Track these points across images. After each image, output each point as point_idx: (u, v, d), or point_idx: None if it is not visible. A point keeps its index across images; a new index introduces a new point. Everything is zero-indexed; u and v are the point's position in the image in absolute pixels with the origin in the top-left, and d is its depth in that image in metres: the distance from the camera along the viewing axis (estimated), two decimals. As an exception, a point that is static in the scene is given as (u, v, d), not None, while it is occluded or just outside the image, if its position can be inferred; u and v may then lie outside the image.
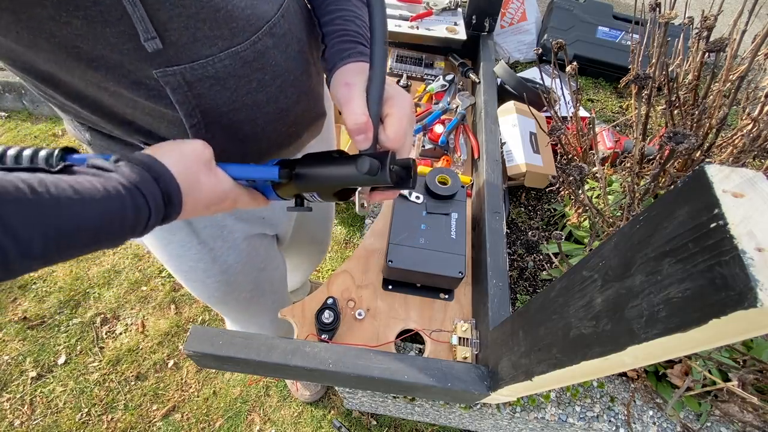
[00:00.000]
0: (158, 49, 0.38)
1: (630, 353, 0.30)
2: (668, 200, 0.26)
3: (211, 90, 0.44)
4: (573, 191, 0.78)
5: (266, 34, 0.45)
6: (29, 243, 0.28)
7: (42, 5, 0.33)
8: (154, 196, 0.35)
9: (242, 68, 0.44)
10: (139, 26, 0.36)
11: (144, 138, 0.49)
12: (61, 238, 0.30)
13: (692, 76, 0.76)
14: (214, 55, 0.42)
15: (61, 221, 0.30)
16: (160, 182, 0.36)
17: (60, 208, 0.29)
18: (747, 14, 0.70)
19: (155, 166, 0.36)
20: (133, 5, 0.35)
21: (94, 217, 0.31)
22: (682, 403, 0.72)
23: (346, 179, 0.43)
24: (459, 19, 1.18)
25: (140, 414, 1.30)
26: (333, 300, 0.74)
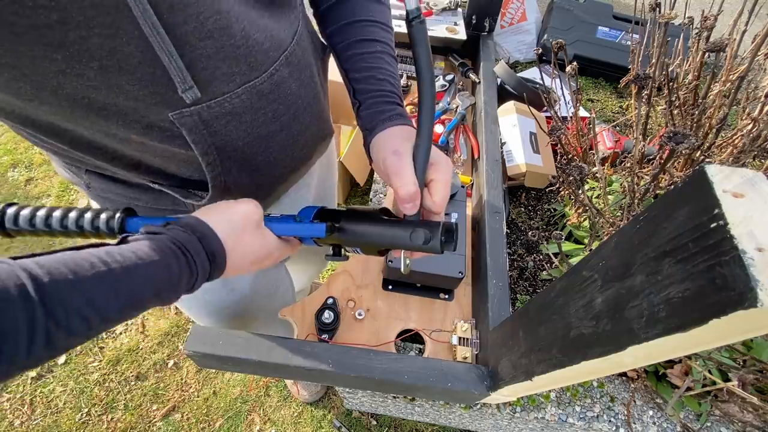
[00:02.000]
0: (197, 97, 0.38)
1: (630, 353, 0.30)
2: (668, 200, 0.26)
3: (227, 126, 0.43)
4: (573, 191, 0.78)
5: (283, 64, 0.45)
6: (107, 312, 0.31)
7: (50, 59, 0.31)
8: (200, 257, 0.37)
9: (259, 101, 0.44)
10: (176, 78, 0.36)
11: (152, 178, 0.48)
12: (130, 303, 0.33)
13: (692, 76, 0.76)
14: (231, 91, 0.41)
15: (132, 288, 0.32)
16: (205, 242, 0.38)
17: (130, 278, 0.32)
18: (747, 14, 0.70)
19: (200, 227, 0.38)
20: (169, 57, 0.34)
21: (154, 281, 0.34)
22: (682, 403, 0.72)
23: (397, 244, 0.45)
24: (459, 19, 1.18)
25: (140, 414, 1.30)
26: (333, 300, 0.74)
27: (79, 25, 0.30)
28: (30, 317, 0.26)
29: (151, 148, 0.43)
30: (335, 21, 0.51)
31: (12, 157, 1.95)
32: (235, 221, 0.41)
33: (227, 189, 0.49)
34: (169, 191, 0.49)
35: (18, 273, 0.27)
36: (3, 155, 1.95)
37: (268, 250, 0.45)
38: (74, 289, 0.29)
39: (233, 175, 0.48)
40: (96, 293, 0.30)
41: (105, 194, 0.53)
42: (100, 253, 0.32)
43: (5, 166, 1.92)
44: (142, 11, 0.31)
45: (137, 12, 0.31)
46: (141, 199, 0.53)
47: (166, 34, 0.33)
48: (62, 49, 0.31)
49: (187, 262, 0.36)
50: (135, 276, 0.32)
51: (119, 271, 0.32)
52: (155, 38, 0.33)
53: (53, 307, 0.27)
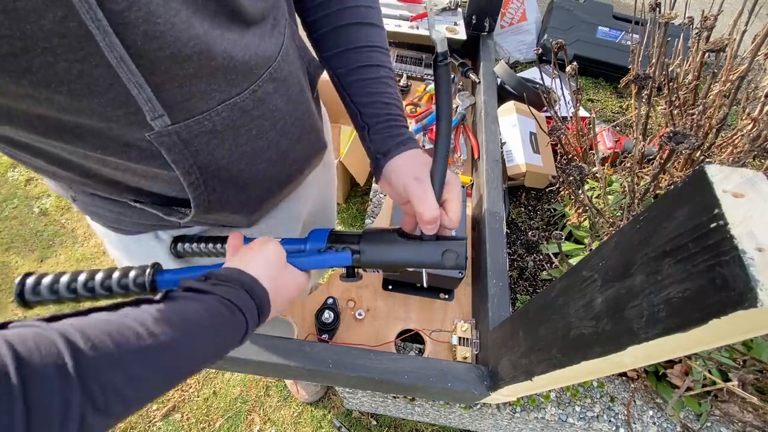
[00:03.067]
0: (166, 125, 0.38)
1: (630, 353, 0.30)
2: (668, 200, 0.26)
3: (208, 145, 0.42)
4: (573, 191, 0.78)
5: (266, 81, 0.44)
6: (149, 391, 0.30)
7: (17, 85, 0.30)
8: (251, 311, 0.38)
9: (241, 118, 0.43)
10: (145, 107, 0.35)
11: (134, 196, 0.47)
12: (175, 377, 0.32)
13: (692, 76, 0.76)
14: (211, 109, 0.40)
15: (180, 362, 0.32)
16: (254, 297, 0.39)
17: (178, 351, 0.31)
18: (747, 14, 0.70)
19: (247, 281, 0.39)
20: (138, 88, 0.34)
21: (204, 350, 0.34)
22: (682, 403, 0.72)
23: (423, 265, 0.47)
24: (459, 19, 1.18)
25: (140, 414, 1.30)
26: (333, 300, 0.74)
27: (44, 52, 0.29)
28: (66, 400, 0.24)
29: (131, 169, 0.42)
30: (334, 47, 0.51)
31: (12, 157, 1.95)
32: (271, 265, 0.43)
33: (211, 207, 0.49)
34: (150, 209, 0.48)
35: (57, 343, 0.25)
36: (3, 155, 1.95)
37: (299, 286, 0.47)
38: (117, 366, 0.27)
39: (218, 193, 0.47)
40: (140, 370, 0.28)
41: (90, 208, 0.52)
42: (146, 320, 0.30)
43: (5, 166, 1.92)
44: (109, 43, 0.30)
45: (103, 44, 0.30)
46: (126, 214, 0.52)
47: (135, 66, 0.32)
48: (28, 76, 0.30)
49: (241, 320, 0.37)
50: (185, 348, 0.31)
51: (168, 344, 0.30)
52: (122, 69, 0.32)
53: (92, 388, 0.26)
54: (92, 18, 0.29)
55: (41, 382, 0.23)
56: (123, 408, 0.28)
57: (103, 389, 0.26)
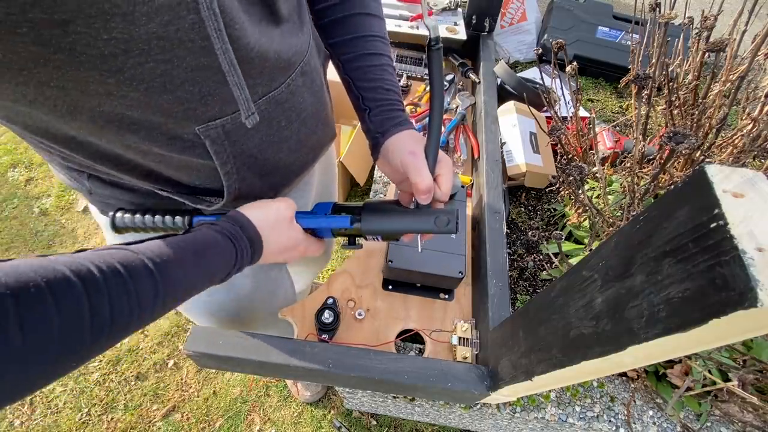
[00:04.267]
0: (257, 122, 0.44)
1: (630, 353, 0.30)
2: (668, 200, 0.26)
3: (245, 135, 0.46)
4: (573, 191, 0.78)
5: (298, 74, 0.48)
6: (194, 286, 0.39)
7: (103, 83, 0.32)
8: (241, 241, 0.44)
9: (276, 110, 0.47)
10: (242, 106, 0.41)
11: (162, 186, 0.50)
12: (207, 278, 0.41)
13: (692, 76, 0.76)
14: (254, 102, 0.43)
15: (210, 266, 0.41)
16: (245, 231, 0.45)
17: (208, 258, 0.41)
18: (747, 14, 0.70)
19: (241, 219, 0.46)
20: (240, 89, 0.39)
21: (221, 261, 0.42)
22: (682, 403, 0.72)
23: (420, 230, 0.53)
24: (459, 19, 1.18)
25: (140, 414, 1.30)
26: (333, 300, 0.74)
27: (141, 53, 0.32)
28: (155, 288, 0.34)
29: (169, 159, 0.45)
30: (341, 34, 0.54)
31: (12, 157, 1.95)
32: (269, 215, 0.48)
33: (240, 195, 0.52)
34: (178, 197, 0.51)
35: (141, 258, 0.34)
36: (3, 155, 1.95)
37: (295, 241, 0.51)
38: (178, 266, 0.37)
39: (246, 182, 0.51)
40: (190, 270, 0.38)
41: (107, 200, 0.54)
42: (187, 240, 0.39)
43: (5, 166, 1.92)
44: (224, 51, 0.35)
45: (220, 53, 0.35)
46: (145, 204, 0.54)
47: (240, 71, 0.38)
48: (118, 74, 0.32)
49: (235, 247, 0.43)
50: (212, 256, 0.41)
51: (201, 253, 0.40)
52: (231, 75, 0.37)
53: (167, 281, 0.35)
54: (215, 28, 0.34)
55: (139, 277, 0.33)
56: (178, 298, 0.37)
57: (173, 282, 0.36)
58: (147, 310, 0.34)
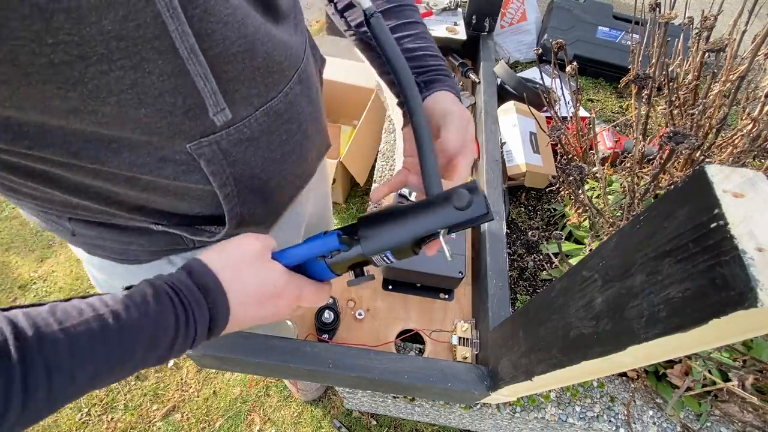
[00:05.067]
0: (228, 119, 0.36)
1: (630, 353, 0.30)
2: (668, 200, 0.26)
3: (245, 153, 0.41)
4: (573, 191, 0.78)
5: (296, 82, 0.44)
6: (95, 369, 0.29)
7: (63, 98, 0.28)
8: (191, 292, 0.33)
9: (275, 122, 0.42)
10: (209, 100, 0.34)
11: (156, 219, 0.44)
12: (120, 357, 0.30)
13: (692, 76, 0.76)
14: (250, 115, 0.39)
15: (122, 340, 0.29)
16: (193, 276, 0.34)
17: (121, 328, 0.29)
18: (747, 14, 0.70)
19: (190, 264, 0.35)
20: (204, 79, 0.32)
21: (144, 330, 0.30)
22: (682, 403, 0.72)
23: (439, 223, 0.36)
24: (459, 19, 1.18)
25: (140, 414, 1.30)
26: (333, 300, 0.74)
27: (101, 59, 0.27)
28: (7, 379, 0.24)
29: (162, 187, 0.39)
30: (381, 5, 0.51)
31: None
32: (230, 252, 0.37)
33: (242, 221, 0.46)
34: (174, 231, 0.45)
35: (2, 326, 0.25)
36: None
37: (273, 284, 0.37)
38: (60, 343, 0.27)
39: (248, 205, 0.45)
40: (83, 346, 0.27)
41: (94, 241, 0.48)
42: (92, 302, 0.30)
43: (5, 166, 1.92)
44: (181, 33, 0.29)
45: (176, 36, 0.29)
46: (135, 243, 0.48)
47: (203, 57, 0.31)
48: (79, 86, 0.28)
49: (174, 305, 0.32)
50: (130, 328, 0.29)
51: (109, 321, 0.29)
52: (192, 63, 0.31)
53: (34, 366, 0.25)
54: (167, 7, 0.28)
55: None
56: (67, 385, 0.27)
57: (46, 367, 0.26)
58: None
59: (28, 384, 0.25)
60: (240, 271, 0.36)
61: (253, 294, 0.36)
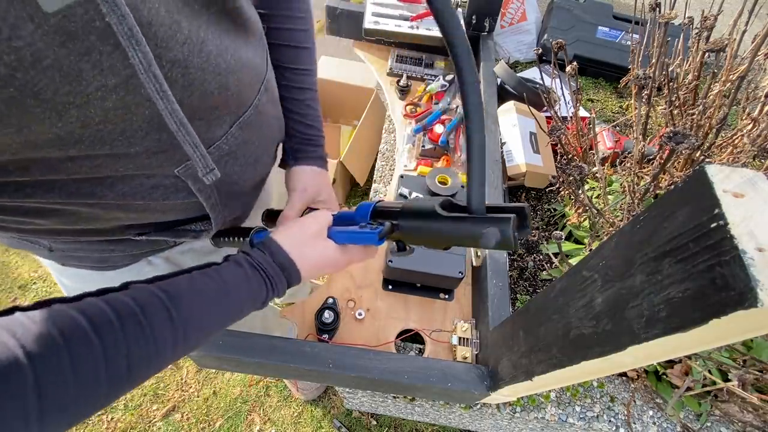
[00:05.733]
0: (217, 178, 0.41)
1: (630, 353, 0.30)
2: (668, 200, 0.26)
3: (226, 166, 0.45)
4: (573, 191, 0.78)
5: (263, 93, 0.47)
6: (213, 325, 0.38)
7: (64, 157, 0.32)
8: (272, 268, 0.43)
9: (248, 133, 0.46)
10: (198, 164, 0.39)
11: (139, 231, 0.48)
12: (228, 315, 0.40)
13: (692, 76, 0.76)
14: (226, 132, 0.43)
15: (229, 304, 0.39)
16: (275, 257, 0.43)
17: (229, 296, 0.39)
18: (747, 14, 0.70)
19: (270, 245, 0.44)
20: (193, 147, 0.37)
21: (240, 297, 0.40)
22: (682, 403, 0.72)
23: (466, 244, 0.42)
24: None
25: (140, 414, 1.29)
26: (333, 300, 0.74)
27: (98, 123, 0.31)
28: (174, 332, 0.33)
29: (152, 207, 0.43)
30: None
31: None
32: (296, 235, 0.46)
33: (225, 221, 0.52)
34: (156, 237, 0.50)
35: (160, 299, 0.33)
36: None
37: (327, 259, 0.47)
38: (198, 306, 0.36)
39: (229, 207, 0.50)
40: (212, 309, 0.37)
41: (73, 254, 0.51)
42: (211, 277, 0.38)
43: (5, 166, 1.92)
44: (171, 111, 0.33)
45: (167, 115, 0.33)
46: (117, 250, 0.52)
47: (192, 128, 0.35)
48: (78, 145, 0.31)
49: (264, 278, 0.41)
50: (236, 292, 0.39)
51: (224, 291, 0.38)
52: (181, 133, 0.35)
53: (186, 323, 0.34)
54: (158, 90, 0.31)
55: (155, 317, 0.32)
56: (200, 338, 0.36)
57: (192, 324, 0.35)
58: (165, 354, 0.33)
59: (180, 336, 0.34)
60: (304, 249, 0.45)
61: (314, 265, 0.46)
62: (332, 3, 1.21)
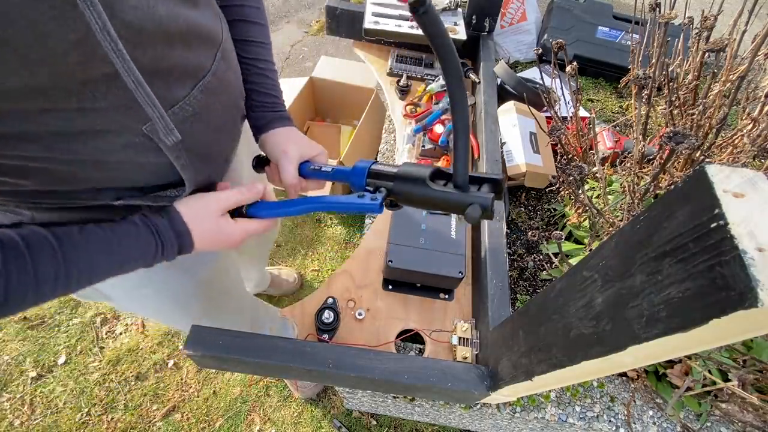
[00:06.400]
0: (177, 140, 0.45)
1: (630, 353, 0.30)
2: (668, 200, 0.26)
3: (192, 128, 0.48)
4: (573, 191, 0.78)
5: (220, 59, 0.51)
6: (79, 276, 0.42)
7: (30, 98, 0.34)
8: (167, 232, 0.48)
9: (210, 97, 0.50)
10: (158, 124, 0.43)
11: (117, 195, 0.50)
12: (118, 263, 0.46)
13: (692, 76, 0.76)
14: (188, 94, 0.46)
15: (121, 252, 0.45)
16: (172, 223, 0.49)
17: (120, 245, 0.45)
18: (747, 14, 0.70)
19: (171, 212, 0.49)
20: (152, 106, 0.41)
21: (131, 251, 0.46)
22: (682, 403, 0.72)
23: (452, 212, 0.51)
24: (459, 19, 1.18)
25: (140, 414, 1.29)
26: (333, 300, 0.74)
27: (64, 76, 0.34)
28: (56, 269, 0.39)
29: (126, 166, 0.46)
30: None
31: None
32: (197, 209, 0.51)
33: (197, 183, 0.55)
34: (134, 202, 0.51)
35: (44, 233, 0.38)
36: None
37: (223, 234, 0.53)
38: (86, 251, 0.41)
39: (200, 171, 0.54)
40: (100, 256, 0.42)
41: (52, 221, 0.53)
42: (104, 228, 0.44)
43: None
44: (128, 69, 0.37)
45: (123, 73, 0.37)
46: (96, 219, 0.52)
47: (149, 88, 0.39)
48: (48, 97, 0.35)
49: (156, 238, 0.47)
50: (127, 245, 0.45)
51: (116, 241, 0.44)
52: (139, 92, 0.39)
53: (71, 263, 0.40)
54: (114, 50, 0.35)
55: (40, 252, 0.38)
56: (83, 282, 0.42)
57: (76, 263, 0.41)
58: (44, 288, 0.37)
59: (61, 273, 0.39)
60: (202, 223, 0.51)
61: (210, 238, 0.52)
62: (332, 3, 1.21)
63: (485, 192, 0.46)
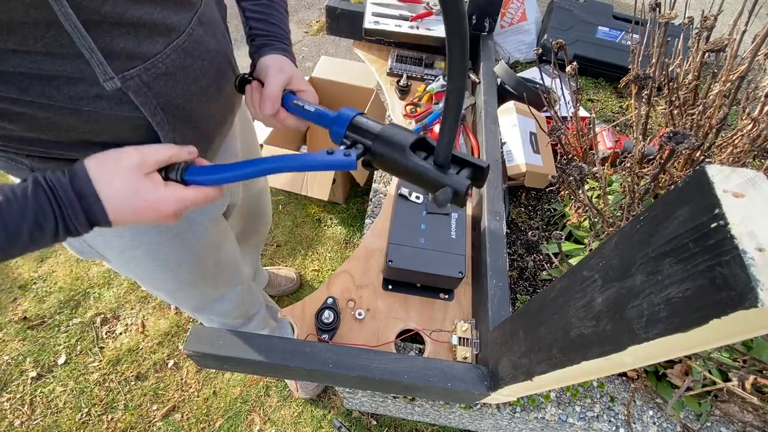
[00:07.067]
0: (117, 87, 0.43)
1: (630, 353, 0.30)
2: (668, 200, 0.26)
3: (166, 86, 0.48)
4: (573, 191, 0.78)
5: (197, 24, 0.51)
6: None
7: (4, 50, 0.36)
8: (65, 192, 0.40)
9: (186, 59, 0.50)
10: (98, 69, 0.41)
11: (100, 148, 0.49)
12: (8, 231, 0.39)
13: (692, 76, 0.76)
14: (160, 51, 0.47)
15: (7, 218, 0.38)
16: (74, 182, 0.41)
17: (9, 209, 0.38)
18: (747, 14, 0.70)
19: (76, 167, 0.42)
20: (90, 51, 0.40)
21: (12, 222, 0.38)
22: (682, 403, 0.72)
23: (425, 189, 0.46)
24: (459, 19, 1.18)
25: (140, 414, 1.29)
26: (333, 300, 0.74)
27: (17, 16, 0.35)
28: None
29: (102, 118, 0.46)
30: None
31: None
32: (107, 164, 0.43)
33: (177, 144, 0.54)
34: None
35: None
36: None
37: (144, 197, 0.44)
38: None
39: (179, 132, 0.53)
40: None
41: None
42: None
43: (5, 166, 1.92)
44: (65, 14, 0.36)
45: (61, 16, 0.36)
46: None
47: (85, 31, 0.38)
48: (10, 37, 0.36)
49: (51, 200, 0.40)
50: (7, 213, 0.37)
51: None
52: (76, 36, 0.38)
53: None
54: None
55: None
56: None
57: None
58: None
59: None
60: (112, 182, 0.42)
61: (125, 202, 0.43)
62: (332, 3, 1.21)
63: (463, 177, 0.43)
